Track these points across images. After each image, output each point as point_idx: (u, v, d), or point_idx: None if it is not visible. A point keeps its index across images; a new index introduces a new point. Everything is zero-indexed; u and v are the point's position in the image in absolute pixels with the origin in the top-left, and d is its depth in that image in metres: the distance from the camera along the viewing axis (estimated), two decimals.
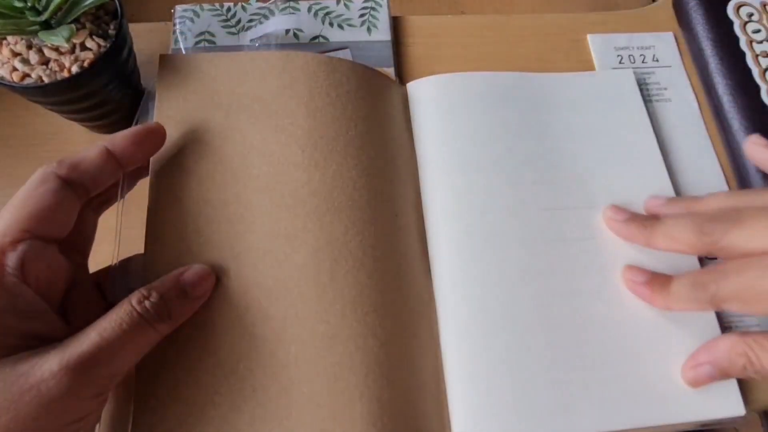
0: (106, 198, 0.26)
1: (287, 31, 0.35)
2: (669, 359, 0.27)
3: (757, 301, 0.22)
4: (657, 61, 0.36)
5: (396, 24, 0.37)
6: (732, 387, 0.26)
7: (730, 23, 0.36)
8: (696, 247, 0.25)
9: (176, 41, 0.34)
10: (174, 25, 0.35)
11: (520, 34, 0.37)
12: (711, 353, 0.25)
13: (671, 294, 0.26)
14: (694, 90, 0.35)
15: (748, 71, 0.35)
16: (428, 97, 0.32)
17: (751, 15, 0.37)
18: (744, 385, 0.27)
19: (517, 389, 0.26)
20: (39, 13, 0.26)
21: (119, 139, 0.24)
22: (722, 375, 0.25)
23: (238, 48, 0.34)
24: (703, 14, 0.36)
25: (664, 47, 0.37)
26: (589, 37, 0.37)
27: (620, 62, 0.36)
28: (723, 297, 0.23)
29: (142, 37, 0.35)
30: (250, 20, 0.35)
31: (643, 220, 0.28)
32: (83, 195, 0.23)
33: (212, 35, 0.35)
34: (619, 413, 0.26)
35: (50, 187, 0.22)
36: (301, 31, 0.35)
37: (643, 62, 0.36)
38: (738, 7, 0.37)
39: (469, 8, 0.43)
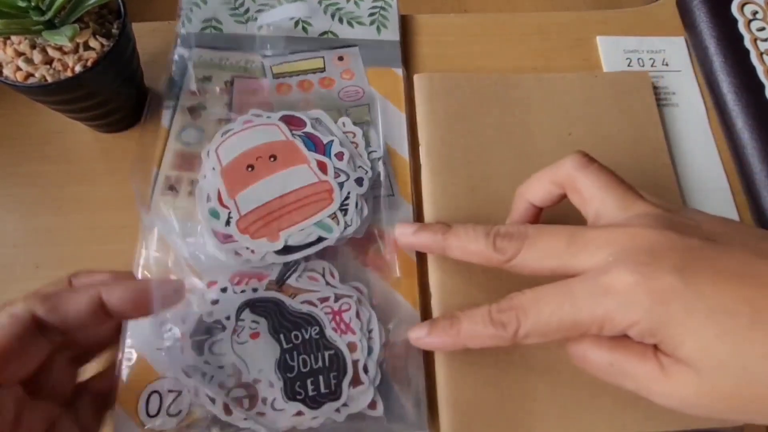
0: (87, 350, 0.24)
1: (296, 23, 0.35)
2: None
3: (555, 333, 0.22)
4: (666, 65, 0.36)
5: (401, 22, 0.37)
6: None
7: (734, 21, 0.36)
8: (491, 262, 0.24)
9: (182, 26, 0.34)
10: (180, 9, 0.35)
11: (524, 32, 0.37)
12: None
13: (464, 333, 0.24)
14: (702, 95, 0.35)
15: (752, 69, 0.35)
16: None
17: (755, 13, 0.36)
18: None
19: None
20: (42, 12, 0.26)
21: (119, 293, 0.22)
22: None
23: (245, 37, 0.34)
24: (707, 12, 0.36)
25: (674, 51, 0.36)
26: (598, 38, 0.37)
27: (629, 65, 0.36)
28: (524, 335, 0.22)
29: (146, 36, 0.35)
30: (259, 9, 0.35)
31: (434, 228, 0.26)
32: (56, 341, 0.21)
33: (219, 22, 0.35)
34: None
35: (16, 331, 0.20)
36: (309, 24, 0.35)
37: (652, 66, 0.36)
38: (742, 5, 0.37)
39: (472, 7, 0.42)
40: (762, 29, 0.36)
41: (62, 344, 0.22)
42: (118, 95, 0.30)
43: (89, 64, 0.27)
